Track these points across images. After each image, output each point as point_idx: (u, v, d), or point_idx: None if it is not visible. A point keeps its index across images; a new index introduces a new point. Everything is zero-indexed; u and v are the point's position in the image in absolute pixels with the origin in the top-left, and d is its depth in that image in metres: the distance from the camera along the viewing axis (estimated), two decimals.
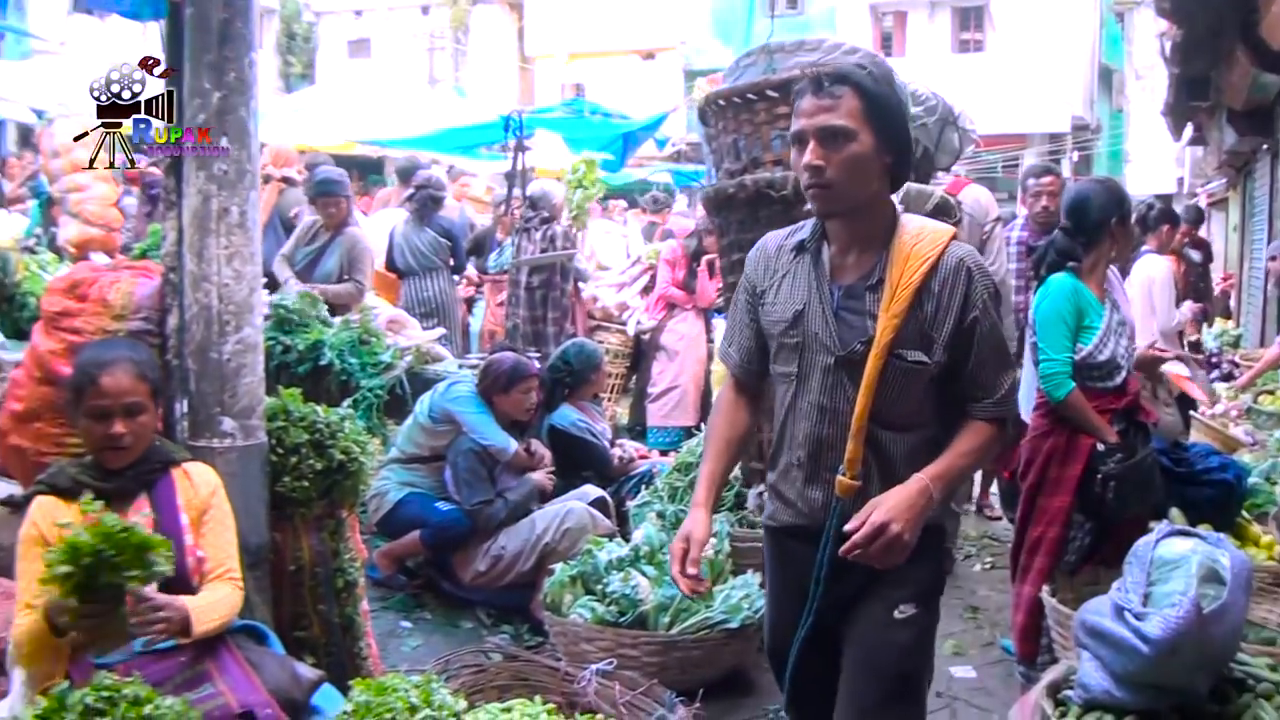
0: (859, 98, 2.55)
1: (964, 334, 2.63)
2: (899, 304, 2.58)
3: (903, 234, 2.64)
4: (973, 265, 2.65)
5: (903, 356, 2.60)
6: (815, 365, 2.70)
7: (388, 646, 4.82)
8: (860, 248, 2.68)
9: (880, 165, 2.60)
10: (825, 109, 2.56)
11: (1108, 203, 4.37)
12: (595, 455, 6.24)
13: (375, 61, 33.04)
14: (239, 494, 3.41)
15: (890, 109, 2.58)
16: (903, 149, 2.63)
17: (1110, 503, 4.16)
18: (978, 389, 2.69)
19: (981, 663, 5.13)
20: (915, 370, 2.61)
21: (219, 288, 3.60)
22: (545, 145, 12.87)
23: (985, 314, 2.64)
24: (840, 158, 2.55)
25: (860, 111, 2.55)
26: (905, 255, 2.61)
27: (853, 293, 2.66)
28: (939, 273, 2.61)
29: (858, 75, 2.59)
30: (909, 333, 2.60)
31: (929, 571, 2.78)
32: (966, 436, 2.69)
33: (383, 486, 5.52)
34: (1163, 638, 2.98)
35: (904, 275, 2.59)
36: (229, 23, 3.57)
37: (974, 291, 2.63)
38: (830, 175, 2.56)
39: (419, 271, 8.59)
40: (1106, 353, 4.24)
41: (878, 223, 2.67)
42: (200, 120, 3.57)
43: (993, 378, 2.68)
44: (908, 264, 2.59)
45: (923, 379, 2.64)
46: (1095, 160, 29.36)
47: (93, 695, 2.60)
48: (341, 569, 3.96)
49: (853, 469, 2.64)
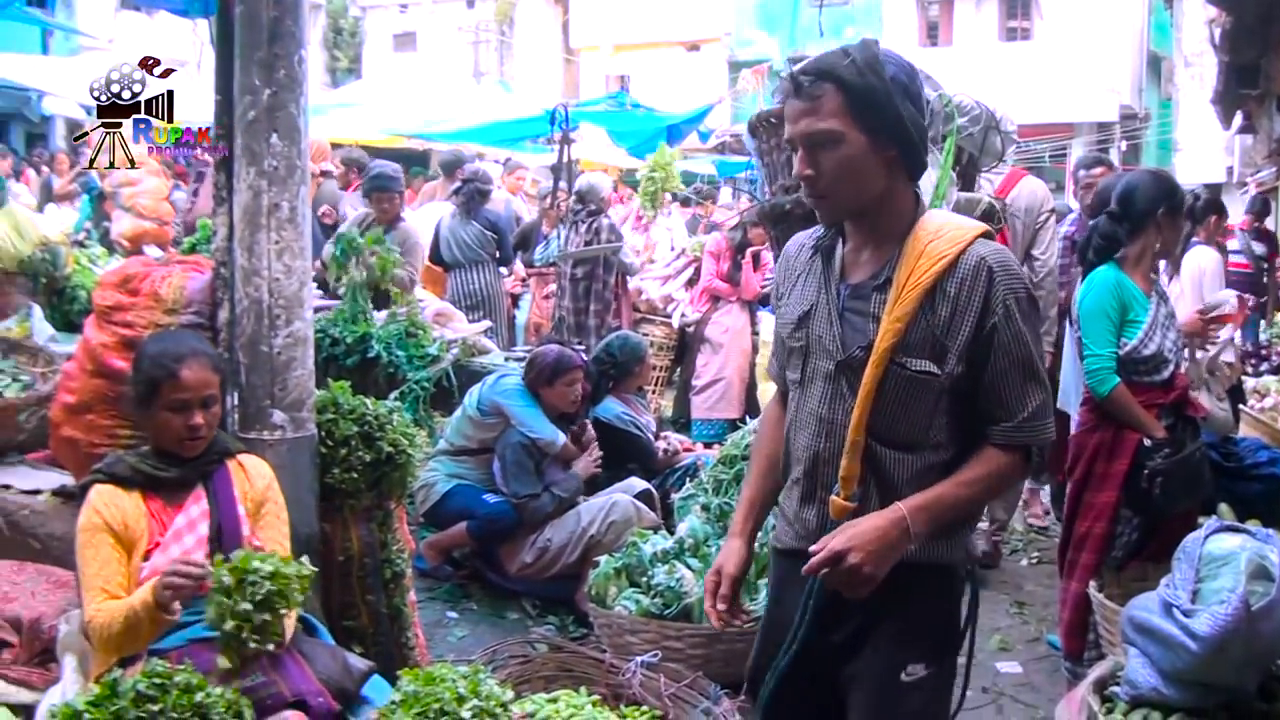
0: (841, 94, 2.29)
1: (981, 343, 2.34)
2: (904, 306, 2.33)
3: (921, 230, 2.38)
4: (996, 265, 2.34)
5: (906, 365, 2.34)
6: (818, 372, 2.47)
7: (434, 637, 4.86)
8: (875, 245, 2.44)
9: (880, 161, 2.34)
10: (807, 112, 2.33)
11: (1157, 193, 4.33)
12: (640, 448, 6.26)
13: (421, 55, 33.19)
14: (289, 485, 3.46)
15: (878, 100, 2.29)
16: (904, 139, 2.34)
17: (1157, 498, 4.12)
18: (995, 408, 2.38)
19: (1028, 658, 5.11)
20: (921, 381, 2.35)
21: (269, 282, 3.65)
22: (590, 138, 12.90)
23: (1008, 321, 2.33)
24: (832, 164, 2.33)
25: (844, 109, 2.30)
26: (919, 253, 2.35)
27: (859, 293, 2.43)
28: (956, 273, 2.33)
29: (839, 69, 2.30)
30: (917, 339, 2.34)
31: (942, 623, 2.49)
32: (973, 463, 2.38)
33: (431, 478, 5.57)
34: (1211, 635, 2.97)
35: (913, 274, 2.34)
36: (279, 20, 3.61)
37: (995, 294, 2.32)
38: (825, 184, 2.35)
39: (465, 264, 8.65)
40: (1153, 346, 4.20)
41: (893, 218, 2.41)
42: (251, 117, 3.61)
43: (1014, 397, 2.36)
44: (919, 262, 2.34)
45: (932, 392, 2.36)
46: (1144, 149, 29.02)
47: (144, 682, 2.64)
48: (389, 560, 4.01)
49: (847, 488, 2.40)
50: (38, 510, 4.12)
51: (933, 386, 2.35)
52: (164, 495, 3.11)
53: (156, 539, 3.05)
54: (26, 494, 4.20)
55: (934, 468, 2.39)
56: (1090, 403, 4.37)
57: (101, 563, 2.98)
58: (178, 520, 3.08)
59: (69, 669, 3.09)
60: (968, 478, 2.36)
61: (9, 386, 4.93)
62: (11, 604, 3.54)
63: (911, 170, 2.42)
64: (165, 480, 3.12)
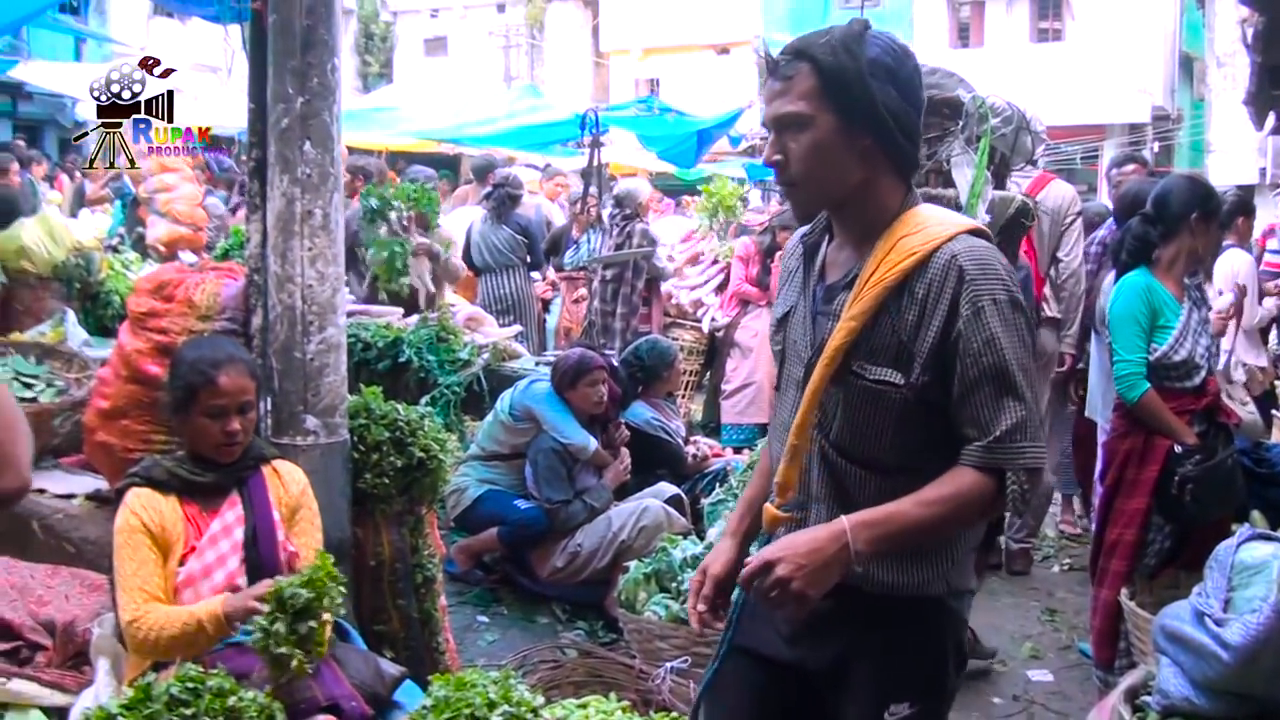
0: (815, 75, 2.11)
1: (949, 350, 2.11)
2: (862, 304, 2.13)
3: (899, 226, 2.18)
4: (969, 263, 2.10)
5: (864, 373, 2.15)
6: (790, 378, 2.31)
7: (464, 641, 4.89)
8: (855, 242, 2.25)
9: (855, 149, 2.14)
10: (779, 93, 2.16)
11: (1191, 197, 4.30)
12: (670, 453, 6.27)
13: (452, 60, 33.33)
14: (322, 490, 3.49)
15: (852, 81, 2.09)
16: (879, 125, 2.13)
17: (1188, 505, 4.09)
18: (966, 425, 2.12)
19: (1058, 666, 5.09)
20: (880, 392, 2.14)
21: (302, 288, 3.68)
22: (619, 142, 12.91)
23: (977, 327, 2.09)
24: (800, 148, 2.15)
25: (816, 91, 2.11)
26: (889, 248, 2.15)
27: (831, 293, 2.25)
28: (926, 272, 2.12)
29: (814, 48, 2.13)
30: (877, 343, 2.14)
31: (928, 659, 2.27)
32: (938, 483, 2.12)
33: (462, 482, 5.60)
34: (1243, 644, 2.95)
35: (878, 271, 2.14)
36: (312, 29, 3.64)
37: (964, 296, 2.09)
38: (794, 170, 2.17)
39: (496, 269, 8.69)
40: (1183, 352, 4.18)
41: (875, 213, 2.20)
42: (284, 125, 3.65)
43: (985, 412, 2.10)
44: (888, 258, 2.14)
45: (894, 404, 2.14)
46: (1176, 151, 28.80)
47: (178, 686, 2.66)
48: (420, 564, 4.03)
49: (782, 495, 2.24)
50: (72, 514, 4.16)
51: (894, 398, 2.14)
52: (200, 500, 3.14)
53: (192, 543, 3.08)
54: (61, 498, 4.25)
55: (899, 493, 2.14)
56: (1121, 408, 4.34)
57: (139, 563, 3.01)
58: (213, 525, 3.11)
59: (102, 672, 3.12)
60: (927, 497, 2.11)
61: (44, 391, 4.99)
62: (46, 607, 3.58)
63: (896, 161, 2.20)
64: (201, 485, 3.15)
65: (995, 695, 4.80)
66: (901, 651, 2.22)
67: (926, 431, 2.16)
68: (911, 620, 2.22)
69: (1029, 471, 2.12)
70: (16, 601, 3.56)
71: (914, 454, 2.17)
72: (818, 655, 2.28)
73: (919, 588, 2.21)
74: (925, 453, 2.16)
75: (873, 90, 2.10)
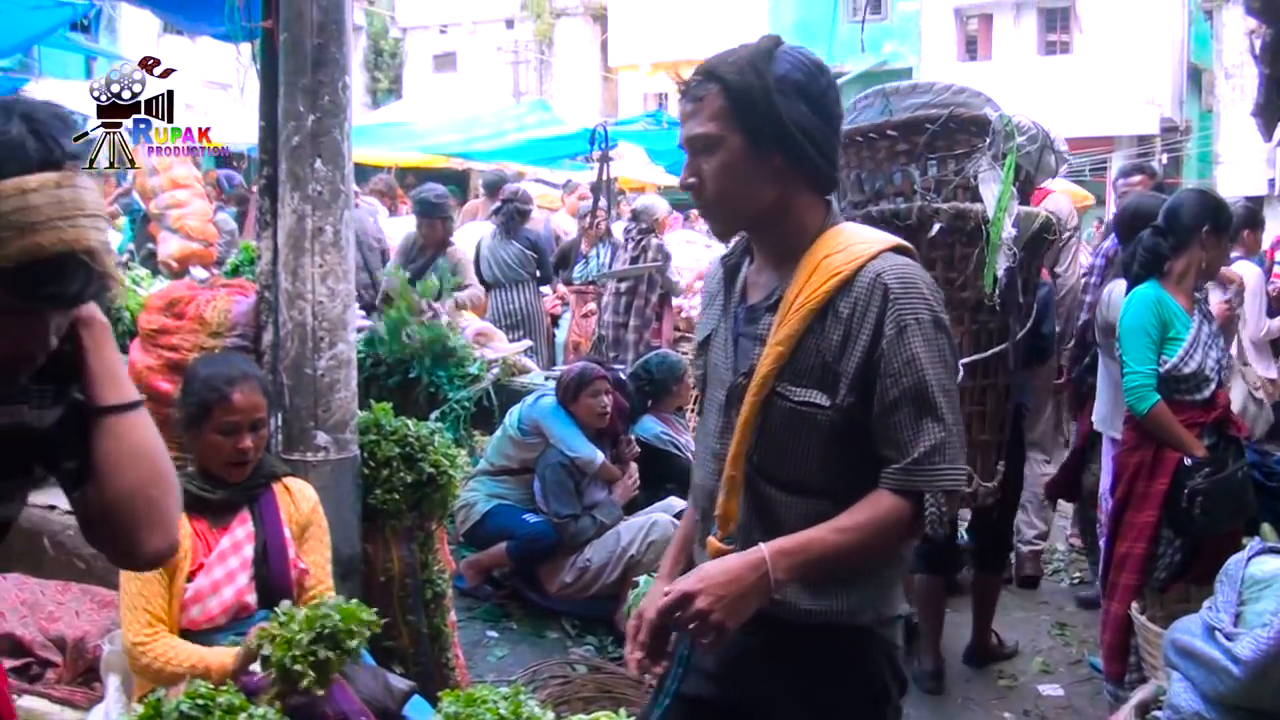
0: (723, 95, 2.10)
1: (872, 370, 2.07)
2: (788, 327, 2.10)
3: (821, 245, 2.14)
4: (893, 282, 2.07)
5: (789, 395, 2.10)
6: (713, 403, 2.28)
7: (474, 656, 4.89)
8: (775, 262, 2.21)
9: (766, 167, 2.11)
10: (690, 115, 2.15)
11: (1202, 210, 4.31)
12: (679, 467, 6.25)
13: (461, 76, 33.44)
14: (332, 506, 3.50)
15: (754, 99, 2.07)
16: (787, 143, 2.09)
17: (1198, 519, 4.09)
18: (886, 446, 2.08)
19: (1069, 681, 5.08)
20: (805, 414, 2.10)
21: (313, 305, 3.69)
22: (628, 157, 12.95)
23: (899, 346, 2.05)
24: (712, 169, 2.12)
25: (725, 111, 2.09)
26: (814, 269, 2.11)
27: (753, 315, 2.21)
28: (851, 291, 2.08)
29: (721, 67, 2.12)
30: (805, 365, 2.10)
31: (867, 689, 2.22)
32: (856, 508, 2.08)
33: (471, 497, 5.60)
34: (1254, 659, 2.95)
35: (802, 293, 2.10)
36: (323, 48, 3.66)
37: (888, 316, 2.05)
38: (708, 192, 2.15)
39: (505, 283, 8.71)
40: (1193, 365, 4.18)
41: (794, 232, 2.17)
42: (295, 143, 3.66)
43: (904, 434, 2.06)
44: (812, 279, 2.10)
45: (819, 427, 2.10)
46: (1185, 162, 28.80)
47: (188, 703, 2.66)
48: (430, 580, 4.03)
49: (724, 527, 2.18)
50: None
51: (820, 421, 2.10)
52: (210, 517, 3.15)
53: (201, 560, 3.08)
54: (71, 514, 4.26)
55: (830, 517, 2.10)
56: (1131, 421, 4.34)
57: (144, 582, 3.01)
58: (223, 542, 3.12)
59: (112, 688, 3.13)
60: (845, 523, 2.06)
61: None
62: (56, 623, 3.59)
63: (811, 179, 2.16)
64: (211, 502, 3.15)
65: (1006, 710, 4.79)
66: (835, 685, 2.17)
67: (854, 453, 2.12)
68: (842, 652, 2.17)
69: (947, 494, 2.09)
70: (27, 618, 3.57)
71: (840, 476, 2.13)
72: (750, 694, 2.24)
73: (848, 616, 2.16)
74: (852, 475, 2.12)
75: (779, 107, 2.08)
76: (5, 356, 1.56)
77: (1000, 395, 4.33)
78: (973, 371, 4.22)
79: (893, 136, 4.28)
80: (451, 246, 7.81)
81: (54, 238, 1.46)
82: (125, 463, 1.69)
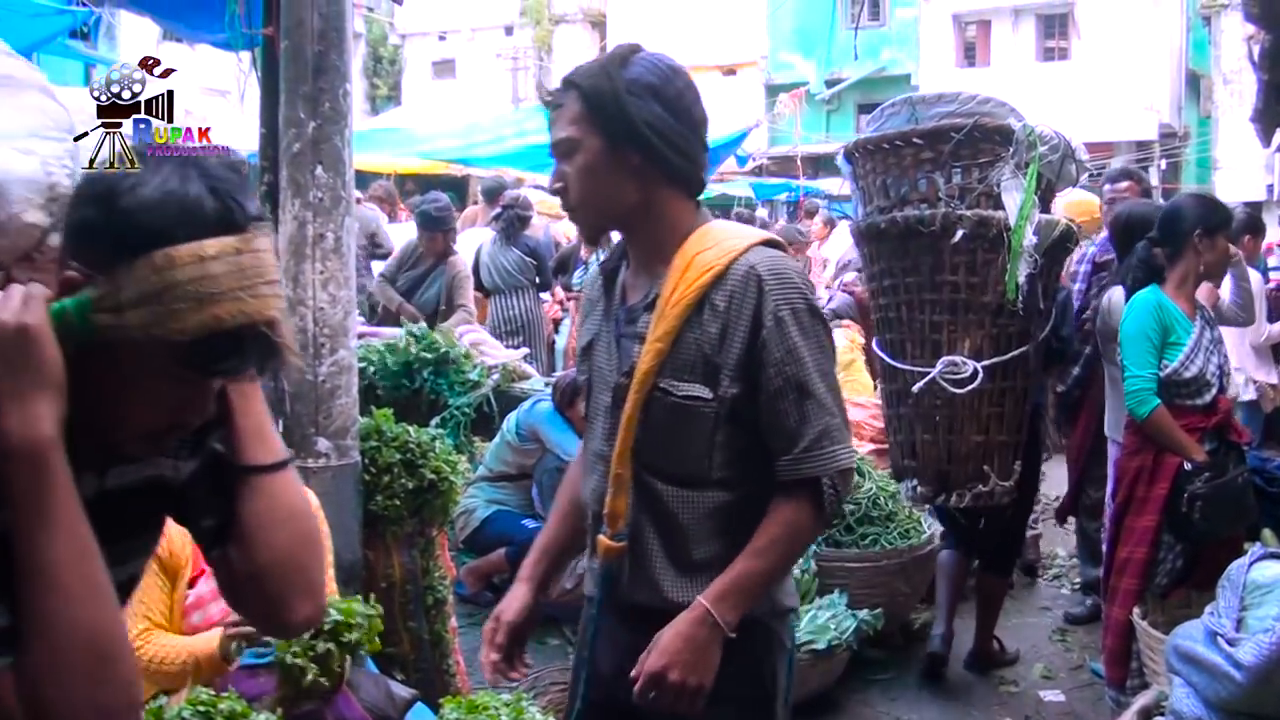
0: (579, 100, 2.15)
1: (755, 362, 2.12)
2: (666, 324, 2.14)
3: (692, 243, 2.19)
4: (767, 273, 2.13)
5: (672, 390, 2.14)
6: (599, 406, 2.31)
7: (475, 663, 4.82)
8: (648, 262, 2.25)
9: (626, 168, 2.15)
10: (553, 122, 2.21)
11: (1193, 215, 4.31)
12: None
13: (460, 82, 33.46)
14: (333, 513, 3.49)
15: (606, 101, 2.12)
16: (643, 143, 2.13)
17: (1197, 523, 4.09)
18: (776, 437, 2.14)
19: (1070, 686, 5.07)
20: (689, 408, 2.14)
21: (314, 311, 3.70)
22: None
23: (779, 336, 2.11)
24: (574, 172, 2.17)
25: (582, 115, 2.15)
26: (686, 265, 2.16)
27: (633, 314, 2.25)
28: (725, 285, 2.13)
29: (578, 75, 2.19)
30: (685, 360, 2.14)
31: (747, 679, 2.25)
32: (762, 529, 2.13)
33: (471, 504, 5.60)
34: (1256, 664, 2.95)
35: (677, 289, 2.15)
36: (323, 55, 3.67)
37: (766, 306, 2.11)
38: (572, 195, 2.20)
39: (505, 290, 8.71)
40: (1194, 369, 4.18)
41: (663, 232, 2.21)
42: (295, 150, 3.67)
43: (790, 422, 2.12)
44: (685, 275, 2.15)
45: (705, 420, 2.15)
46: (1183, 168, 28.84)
47: (190, 709, 2.67)
48: (431, 586, 4.04)
49: (614, 525, 2.21)
50: None
51: (705, 413, 2.15)
52: None
53: (202, 566, 3.07)
54: None
55: (725, 508, 2.18)
56: (1132, 426, 4.35)
57: (144, 588, 2.99)
58: None
59: None
60: (762, 543, 2.12)
61: None
62: None
63: (673, 177, 2.19)
64: None
65: (1008, 716, 4.79)
66: (725, 676, 2.15)
67: (741, 442, 2.17)
68: (733, 643, 2.15)
69: (841, 473, 2.15)
70: None
71: (730, 466, 2.18)
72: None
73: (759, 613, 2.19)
74: (740, 465, 2.18)
75: (629, 109, 2.12)
76: (162, 425, 1.45)
77: (1018, 397, 4.51)
78: (992, 374, 4.40)
79: (918, 144, 4.42)
80: (454, 256, 7.80)
81: (234, 309, 1.34)
82: (276, 526, 1.55)
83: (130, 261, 1.31)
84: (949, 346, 4.44)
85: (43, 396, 1.29)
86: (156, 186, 1.35)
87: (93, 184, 1.38)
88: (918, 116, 4.51)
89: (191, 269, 1.31)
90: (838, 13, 29.26)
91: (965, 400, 4.43)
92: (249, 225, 1.38)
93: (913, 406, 4.58)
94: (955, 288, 4.41)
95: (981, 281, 4.35)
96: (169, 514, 1.63)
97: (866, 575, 5.09)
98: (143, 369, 1.36)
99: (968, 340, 4.43)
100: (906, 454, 4.73)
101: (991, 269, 4.34)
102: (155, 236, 1.31)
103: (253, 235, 1.37)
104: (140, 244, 1.31)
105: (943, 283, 4.42)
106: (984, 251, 4.33)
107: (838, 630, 4.54)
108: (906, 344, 4.59)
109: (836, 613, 4.65)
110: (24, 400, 1.28)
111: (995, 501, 4.53)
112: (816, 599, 4.82)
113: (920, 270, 4.45)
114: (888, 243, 4.59)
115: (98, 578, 1.34)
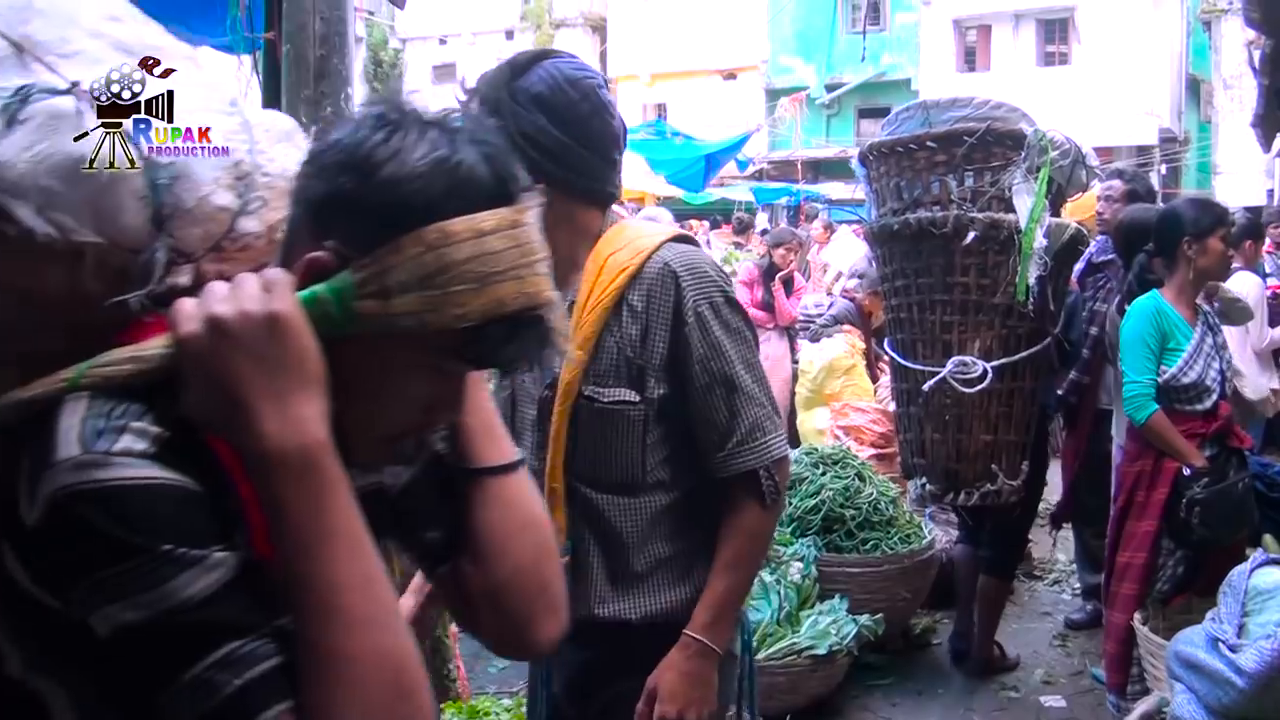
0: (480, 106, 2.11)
1: (680, 359, 2.10)
2: (585, 330, 2.09)
3: (603, 246, 2.15)
4: (682, 269, 2.10)
5: (598, 398, 2.11)
6: (525, 421, 2.24)
7: (475, 669, 4.87)
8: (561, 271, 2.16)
9: None
10: None
11: (1178, 223, 4.31)
12: None
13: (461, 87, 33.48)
14: None
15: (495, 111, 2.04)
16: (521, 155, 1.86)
17: (1197, 529, 4.09)
18: (709, 433, 2.12)
19: (1071, 692, 5.06)
20: (617, 413, 2.11)
21: None
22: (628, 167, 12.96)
23: (703, 332, 2.09)
24: None
25: None
26: (599, 268, 2.12)
27: None
28: (641, 284, 2.10)
29: (481, 82, 2.16)
30: (607, 364, 2.11)
31: None
32: (725, 540, 2.14)
33: None
34: (1258, 670, 2.94)
35: (592, 294, 2.11)
36: (326, 59, 3.66)
37: (685, 302, 2.09)
38: None
39: None
40: (1193, 375, 4.18)
41: (571, 238, 2.08)
42: None
43: (721, 418, 2.10)
44: (600, 279, 2.11)
45: (635, 424, 2.12)
46: (1184, 173, 28.87)
47: None
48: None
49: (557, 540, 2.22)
50: None
51: (633, 417, 2.11)
52: None
53: None
54: None
55: (664, 510, 2.16)
56: (1133, 431, 4.35)
57: None
58: None
59: None
60: (728, 557, 2.13)
61: None
62: None
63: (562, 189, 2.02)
64: None
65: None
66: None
67: (672, 443, 2.15)
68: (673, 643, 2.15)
69: (776, 462, 2.15)
70: None
71: (663, 468, 2.16)
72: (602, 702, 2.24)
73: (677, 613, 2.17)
74: (673, 465, 2.16)
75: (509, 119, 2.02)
76: (411, 426, 1.26)
77: (1026, 398, 4.61)
78: (1001, 374, 4.50)
79: (932, 148, 4.54)
80: None
81: (514, 290, 1.16)
82: (515, 534, 1.35)
83: (397, 239, 1.12)
84: (959, 347, 4.53)
85: (306, 395, 1.10)
86: (424, 154, 1.15)
87: (343, 152, 1.17)
88: (931, 121, 4.62)
89: (469, 246, 1.13)
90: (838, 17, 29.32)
91: (974, 400, 4.51)
92: (521, 196, 1.20)
93: (922, 405, 4.66)
94: (966, 289, 4.49)
95: (992, 283, 4.45)
96: (385, 528, 1.32)
97: (867, 580, 5.09)
98: (402, 362, 1.18)
99: (978, 341, 4.51)
100: (916, 452, 4.82)
101: (1002, 271, 4.43)
102: (426, 210, 1.12)
103: (526, 207, 1.20)
104: (409, 219, 1.12)
105: (954, 284, 4.51)
106: (995, 254, 4.42)
107: (838, 635, 4.54)
108: (917, 344, 4.68)
109: (837, 618, 4.65)
110: (284, 401, 1.09)
111: (1003, 501, 4.61)
112: (817, 604, 4.81)
113: (932, 271, 4.54)
114: (900, 244, 4.70)
115: (387, 598, 1.15)
